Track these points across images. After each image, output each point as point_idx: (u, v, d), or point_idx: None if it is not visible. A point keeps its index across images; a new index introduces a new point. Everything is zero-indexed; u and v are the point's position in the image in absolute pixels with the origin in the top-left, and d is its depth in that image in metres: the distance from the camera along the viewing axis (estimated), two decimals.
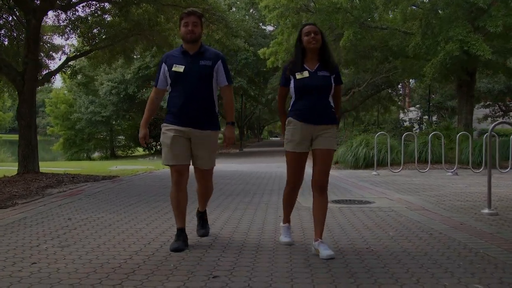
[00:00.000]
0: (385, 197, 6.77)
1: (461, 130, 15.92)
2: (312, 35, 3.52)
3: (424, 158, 13.80)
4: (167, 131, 3.68)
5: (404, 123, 26.52)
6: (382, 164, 13.81)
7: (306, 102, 3.51)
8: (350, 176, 10.93)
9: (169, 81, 3.72)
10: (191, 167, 3.77)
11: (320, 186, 3.56)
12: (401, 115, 43.53)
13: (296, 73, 3.53)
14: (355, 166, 13.88)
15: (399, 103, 38.03)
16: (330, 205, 5.72)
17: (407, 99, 44.39)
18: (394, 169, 11.77)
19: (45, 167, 20.31)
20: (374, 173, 11.20)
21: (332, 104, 3.57)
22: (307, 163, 3.72)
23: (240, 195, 7.04)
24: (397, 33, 17.47)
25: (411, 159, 14.15)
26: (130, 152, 39.82)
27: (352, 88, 29.18)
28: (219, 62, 3.73)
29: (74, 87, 31.95)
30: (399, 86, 34.44)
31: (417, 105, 38.06)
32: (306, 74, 3.51)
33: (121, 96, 28.91)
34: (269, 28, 33.64)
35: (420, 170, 11.53)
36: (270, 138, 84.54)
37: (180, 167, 3.66)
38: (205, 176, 3.88)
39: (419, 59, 18.33)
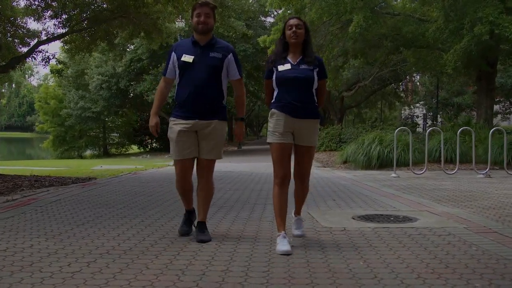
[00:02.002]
0: (426, 210, 5.17)
1: (482, 126, 14.36)
2: (294, 29, 3.51)
3: (446, 157, 12.22)
4: (174, 125, 3.69)
5: (416, 119, 24.92)
6: (398, 164, 12.23)
7: (288, 94, 3.49)
8: (366, 178, 9.34)
9: (177, 71, 3.70)
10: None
11: (302, 178, 3.72)
12: (405, 112, 41.95)
13: (278, 66, 3.53)
14: (367, 166, 12.30)
15: (405, 98, 36.31)
16: (361, 225, 4.13)
17: (407, 95, 42.55)
18: (415, 169, 10.16)
19: (24, 166, 18.82)
20: (394, 175, 9.61)
21: (315, 98, 3.56)
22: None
23: (235, 207, 5.44)
24: (410, 19, 15.88)
25: (430, 158, 12.59)
26: (124, 150, 38.22)
27: (357, 83, 27.58)
28: (230, 55, 3.70)
29: (64, 81, 30.32)
30: (407, 80, 32.70)
31: (421, 102, 36.50)
32: (287, 66, 3.51)
33: (113, 90, 27.26)
34: (269, 19, 32.02)
35: (447, 172, 9.93)
36: None
37: (185, 161, 3.70)
38: (208, 169, 3.75)
39: (433, 48, 16.78)
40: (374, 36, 16.51)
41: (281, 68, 3.51)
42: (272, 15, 30.65)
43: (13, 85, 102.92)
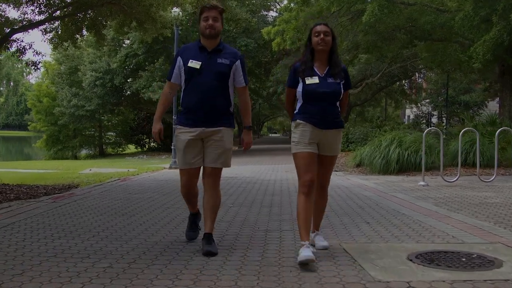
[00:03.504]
0: (498, 241, 3.85)
1: (507, 125, 13.05)
2: (322, 35, 3.41)
3: (472, 161, 10.91)
4: (180, 134, 3.60)
5: (431, 118, 23.63)
6: (419, 168, 10.91)
7: (315, 107, 3.44)
8: (390, 187, 8.02)
9: (183, 77, 3.60)
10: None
11: (322, 185, 3.62)
12: (412, 110, 40.57)
13: (305, 78, 3.43)
14: (385, 170, 10.98)
15: (412, 96, 34.91)
16: (428, 275, 2.80)
17: (412, 92, 41.10)
18: (443, 175, 8.81)
19: (10, 168, 17.50)
20: (422, 183, 8.27)
21: (339, 108, 3.54)
22: None
23: (241, 240, 4.12)
24: (427, 10, 14.52)
25: (455, 161, 11.28)
26: (120, 150, 36.93)
27: (363, 79, 26.24)
28: (238, 62, 3.61)
29: (56, 78, 28.97)
30: (416, 76, 31.32)
31: (427, 100, 35.17)
32: (316, 80, 3.42)
33: (107, 88, 25.91)
34: (272, 13, 30.65)
35: (483, 179, 8.60)
36: (270, 135, 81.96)
37: (191, 170, 3.61)
38: (214, 178, 3.61)
39: (451, 41, 15.44)
40: (387, 27, 15.16)
41: (309, 81, 3.42)
42: (275, 9, 29.31)
43: (11, 83, 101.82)
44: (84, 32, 11.75)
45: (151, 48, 23.42)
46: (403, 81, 30.09)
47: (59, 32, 10.58)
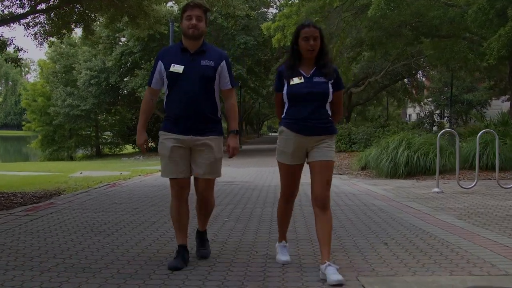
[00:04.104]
0: None
1: None
2: (312, 42, 3.12)
3: (487, 163, 10.22)
4: (165, 140, 3.31)
5: (439, 118, 23.02)
6: (429, 172, 10.24)
7: (300, 110, 3.14)
8: (401, 194, 7.32)
9: (165, 82, 3.33)
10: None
11: (322, 204, 3.13)
12: (415, 109, 39.84)
13: (290, 79, 3.18)
14: (393, 174, 10.29)
15: (415, 95, 34.18)
16: None
17: (414, 91, 40.34)
18: (452, 179, 8.10)
19: (0, 170, 16.79)
20: (436, 190, 7.56)
21: (329, 112, 3.18)
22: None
23: (234, 279, 3.43)
24: (435, 4, 13.84)
25: (465, 164, 10.61)
26: (118, 150, 36.19)
27: (366, 78, 25.54)
28: (223, 63, 3.35)
29: (51, 77, 28.25)
30: (420, 74, 30.61)
31: (429, 98, 34.46)
32: (300, 80, 3.15)
33: (102, 86, 25.18)
34: (272, 10, 29.95)
35: (502, 185, 7.89)
36: (270, 134, 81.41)
37: (181, 180, 3.31)
38: (207, 188, 3.40)
39: (459, 37, 14.77)
40: (392, 23, 14.47)
41: (293, 82, 3.17)
42: (275, 6, 28.60)
43: (10, 82, 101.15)
44: (73, 27, 11.06)
45: (147, 45, 22.70)
46: (410, 78, 29.32)
47: (45, 27, 9.86)
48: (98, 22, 11.95)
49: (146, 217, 5.29)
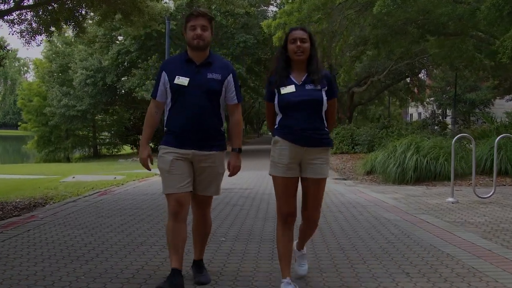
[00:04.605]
0: None
1: None
2: (298, 43, 2.99)
3: (499, 169, 9.65)
4: (165, 154, 3.13)
5: (444, 118, 22.52)
6: (439, 178, 9.69)
7: (294, 120, 2.99)
8: (413, 205, 6.77)
9: (169, 94, 3.16)
10: None
11: (311, 220, 3.17)
12: (418, 109, 39.25)
13: (280, 87, 3.02)
14: (401, 180, 9.74)
15: (417, 95, 33.58)
16: None
17: (416, 90, 39.74)
18: (474, 188, 7.53)
19: None
20: (451, 199, 7.00)
21: (325, 123, 3.06)
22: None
23: None
24: (442, 2, 13.27)
25: (477, 170, 10.04)
26: (115, 150, 35.64)
27: (368, 77, 24.96)
28: (230, 76, 3.19)
29: (47, 77, 27.69)
30: (423, 73, 30.04)
31: (431, 98, 33.90)
32: (291, 88, 3.00)
33: (99, 86, 24.62)
34: (272, 8, 29.38)
35: None
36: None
37: (181, 195, 3.07)
38: (205, 205, 3.30)
39: (467, 35, 14.23)
40: (397, 20, 13.91)
41: (284, 90, 2.99)
42: (275, 4, 28.00)
43: (9, 81, 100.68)
44: (63, 25, 10.49)
45: (144, 44, 22.15)
46: (413, 77, 28.77)
47: (32, 24, 9.30)
48: (90, 20, 11.37)
49: (133, 236, 4.74)
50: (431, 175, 9.69)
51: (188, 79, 3.09)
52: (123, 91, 26.98)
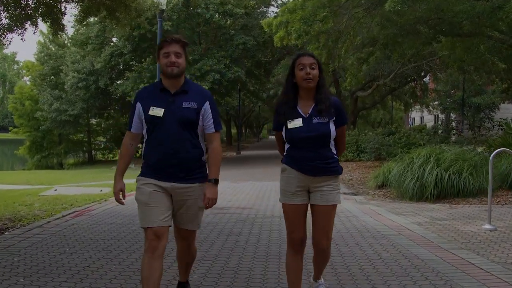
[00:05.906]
0: None
1: None
2: (308, 69, 2.96)
3: None
4: (144, 185, 3.02)
5: (452, 124, 21.52)
6: (462, 194, 8.58)
7: (301, 152, 2.99)
8: (443, 234, 5.65)
9: (144, 126, 3.07)
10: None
11: (320, 249, 3.13)
12: (423, 114, 38.18)
13: (287, 121, 3.02)
14: (420, 196, 8.64)
15: (422, 99, 32.50)
16: None
17: (419, 94, 38.62)
18: (498, 206, 6.43)
19: None
20: (488, 226, 5.89)
21: (333, 151, 3.05)
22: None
23: None
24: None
25: (503, 185, 8.97)
26: (111, 156, 34.56)
27: (372, 80, 23.86)
28: (206, 104, 3.08)
29: (38, 80, 26.62)
30: (428, 76, 29.00)
31: (436, 102, 32.85)
32: (298, 123, 2.99)
33: (91, 90, 23.54)
34: (272, 9, 28.33)
35: None
36: (269, 137, 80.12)
37: (159, 229, 2.93)
38: (188, 238, 3.22)
39: (484, 35, 13.16)
40: (408, 20, 12.83)
41: (290, 125, 2.99)
42: (275, 4, 26.96)
43: (7, 84, 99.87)
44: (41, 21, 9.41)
45: (138, 46, 21.09)
46: (420, 80, 27.74)
47: (2, 21, 8.22)
48: (72, 15, 10.28)
49: (98, 284, 3.62)
50: (453, 191, 8.58)
51: (163, 109, 2.98)
52: (118, 95, 26.01)
